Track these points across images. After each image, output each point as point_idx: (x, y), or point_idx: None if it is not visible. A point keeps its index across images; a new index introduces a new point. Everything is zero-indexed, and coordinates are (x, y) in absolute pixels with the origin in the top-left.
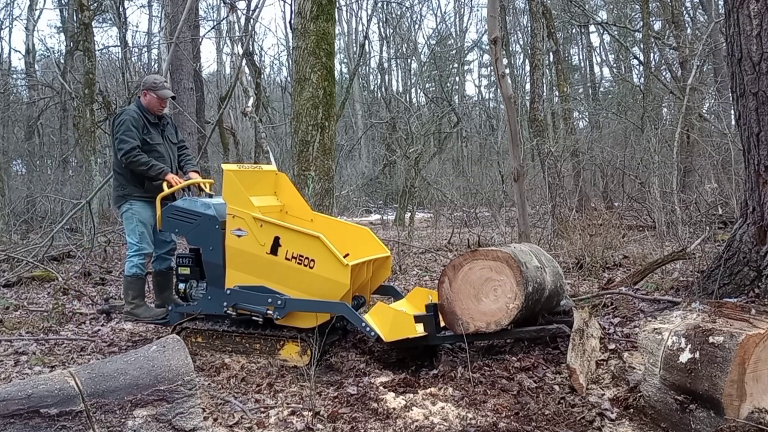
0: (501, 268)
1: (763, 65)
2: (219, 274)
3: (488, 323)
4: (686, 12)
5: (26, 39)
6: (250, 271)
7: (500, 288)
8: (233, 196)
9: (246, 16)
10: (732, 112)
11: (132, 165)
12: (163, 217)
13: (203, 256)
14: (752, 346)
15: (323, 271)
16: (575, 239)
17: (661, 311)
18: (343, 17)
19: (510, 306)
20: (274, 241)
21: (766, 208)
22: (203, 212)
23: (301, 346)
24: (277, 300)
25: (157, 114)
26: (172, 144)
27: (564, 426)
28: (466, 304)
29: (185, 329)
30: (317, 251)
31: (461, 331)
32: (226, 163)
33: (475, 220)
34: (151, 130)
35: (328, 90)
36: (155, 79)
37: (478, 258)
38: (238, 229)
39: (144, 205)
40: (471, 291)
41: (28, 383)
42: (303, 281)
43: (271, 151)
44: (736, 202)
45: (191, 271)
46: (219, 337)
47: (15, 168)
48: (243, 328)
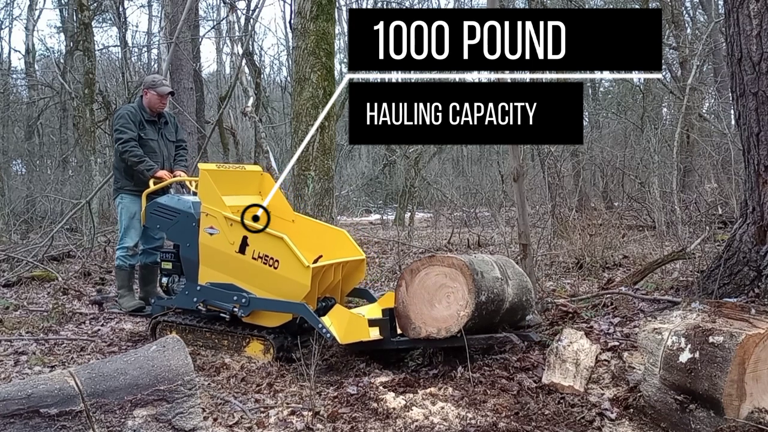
0: (455, 275)
1: (763, 65)
2: (194, 270)
3: (439, 329)
4: (686, 12)
5: (26, 39)
6: (220, 269)
7: (453, 295)
8: (207, 195)
9: (246, 15)
10: (732, 112)
11: (126, 155)
12: (147, 213)
13: (181, 252)
14: (752, 346)
15: (286, 272)
16: (575, 239)
17: (661, 311)
18: (343, 17)
19: (461, 314)
20: (242, 241)
21: (766, 208)
22: (182, 209)
23: (265, 344)
24: (242, 298)
25: (157, 111)
26: (169, 142)
27: (564, 426)
28: (420, 308)
29: (161, 322)
30: (281, 252)
31: (414, 335)
32: (204, 162)
33: (475, 220)
34: (147, 126)
35: (328, 90)
36: (154, 77)
37: (435, 264)
38: (210, 227)
39: (134, 199)
40: (426, 296)
41: (28, 383)
42: (268, 281)
43: (271, 151)
44: (736, 202)
45: (173, 266)
46: (191, 331)
47: (15, 168)
48: (212, 324)
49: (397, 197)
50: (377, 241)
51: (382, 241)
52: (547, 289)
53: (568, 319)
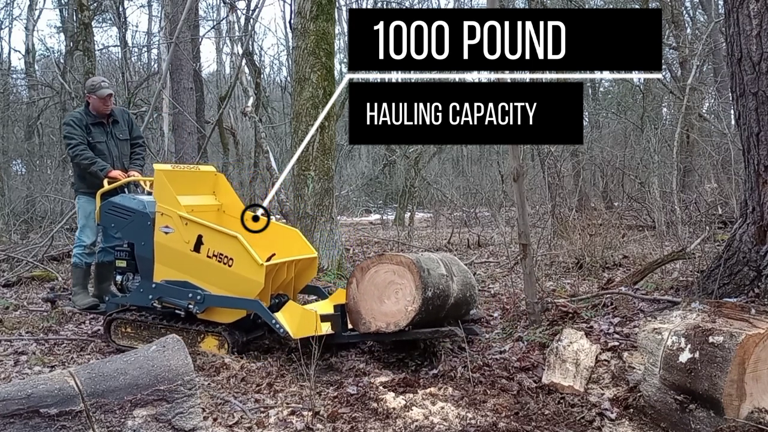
0: (403, 272)
1: (763, 65)
2: (149, 268)
3: (388, 323)
4: (686, 12)
5: (26, 39)
6: (176, 267)
7: (401, 291)
8: (162, 194)
9: (246, 15)
10: (732, 112)
11: (77, 159)
12: (102, 212)
13: (136, 250)
14: (752, 345)
15: (240, 270)
16: (575, 239)
17: (660, 311)
18: (342, 17)
19: (408, 308)
20: (197, 239)
21: (766, 208)
22: (137, 209)
23: (219, 339)
24: (197, 295)
25: (103, 113)
26: (120, 141)
27: (564, 426)
28: (369, 304)
29: (116, 319)
30: (235, 250)
31: (365, 329)
32: (158, 163)
33: (475, 220)
34: (94, 129)
35: (328, 90)
36: (93, 81)
37: (384, 261)
38: (166, 226)
39: (89, 199)
40: (375, 292)
41: (28, 383)
42: (222, 278)
43: (271, 151)
44: (736, 202)
45: (128, 264)
46: (147, 328)
47: (15, 168)
48: (167, 321)
49: (397, 197)
50: (377, 241)
51: (382, 241)
52: (547, 289)
53: (568, 319)
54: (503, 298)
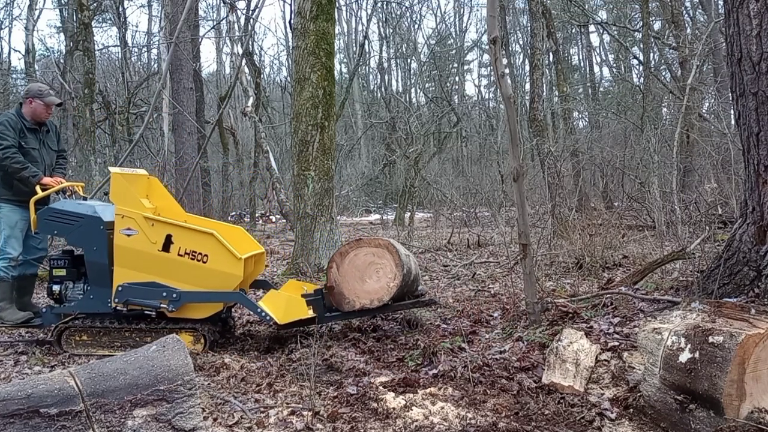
0: (382, 254)
1: (763, 65)
2: (103, 273)
3: (372, 300)
4: (686, 12)
5: (26, 39)
6: (140, 269)
7: (381, 270)
8: (122, 197)
9: (246, 15)
10: (732, 112)
11: (7, 162)
12: (40, 220)
13: (86, 256)
14: (752, 345)
15: (217, 265)
16: (575, 239)
17: (660, 311)
18: (342, 17)
19: (391, 285)
20: (165, 239)
21: (766, 208)
22: (86, 213)
23: (195, 335)
24: (172, 293)
25: (40, 121)
26: (51, 150)
27: (564, 426)
28: (352, 285)
29: (68, 329)
30: (210, 247)
31: (349, 308)
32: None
33: (475, 220)
34: (28, 135)
35: (328, 90)
36: (40, 87)
37: (362, 245)
38: (127, 228)
39: (13, 208)
40: (356, 274)
41: (28, 383)
42: (196, 275)
43: (270, 151)
44: (736, 202)
45: (67, 272)
46: (106, 333)
47: None
48: (130, 323)
49: (397, 197)
50: None
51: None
52: (547, 289)
53: (568, 319)
54: (503, 298)
